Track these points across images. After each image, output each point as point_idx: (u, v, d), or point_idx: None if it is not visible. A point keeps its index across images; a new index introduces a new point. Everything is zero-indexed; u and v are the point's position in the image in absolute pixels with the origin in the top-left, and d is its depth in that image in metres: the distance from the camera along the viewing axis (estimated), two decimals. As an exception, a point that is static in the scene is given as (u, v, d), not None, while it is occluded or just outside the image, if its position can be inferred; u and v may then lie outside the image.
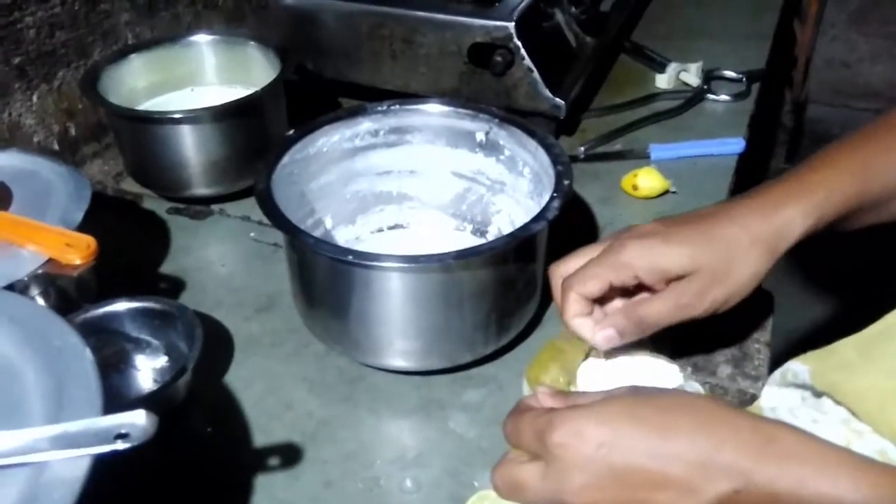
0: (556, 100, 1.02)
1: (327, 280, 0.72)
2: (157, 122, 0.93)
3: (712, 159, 1.04)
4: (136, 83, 1.03)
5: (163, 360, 0.75)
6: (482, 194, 0.87)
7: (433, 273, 0.67)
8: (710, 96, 1.17)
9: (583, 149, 1.07)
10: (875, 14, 2.29)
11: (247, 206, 0.98)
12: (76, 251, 0.68)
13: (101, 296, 0.73)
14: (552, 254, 0.77)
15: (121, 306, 0.73)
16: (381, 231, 0.90)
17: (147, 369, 0.75)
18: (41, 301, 0.69)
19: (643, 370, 0.68)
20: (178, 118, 0.91)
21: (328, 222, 0.86)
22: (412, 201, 0.90)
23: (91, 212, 0.75)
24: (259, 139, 0.95)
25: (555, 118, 1.04)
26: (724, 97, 1.17)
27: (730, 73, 1.21)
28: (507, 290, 0.72)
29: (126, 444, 0.43)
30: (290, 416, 0.73)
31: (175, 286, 0.87)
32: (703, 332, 0.78)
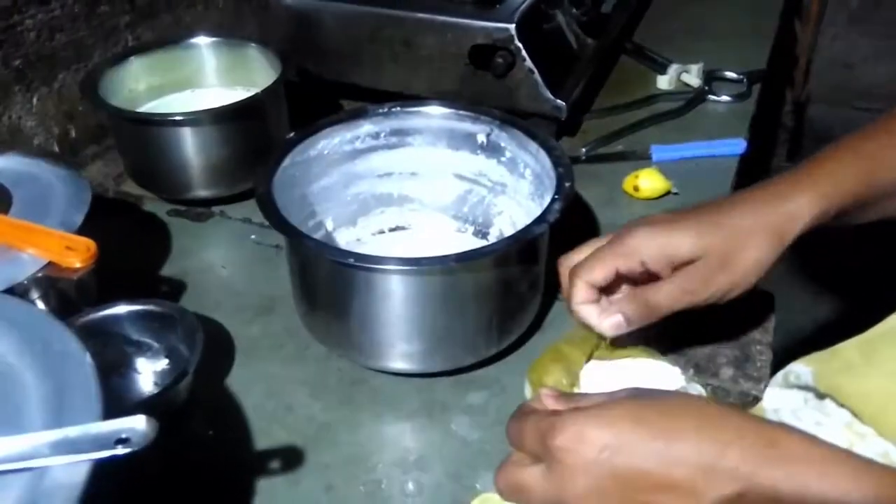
0: (558, 101, 1.02)
1: (328, 283, 0.72)
2: (158, 124, 0.93)
3: (714, 160, 1.04)
4: (137, 85, 1.03)
5: (163, 363, 0.74)
6: (483, 196, 0.87)
7: (434, 275, 0.67)
8: (712, 97, 1.17)
9: (584, 150, 1.07)
10: (876, 14, 2.28)
11: (248, 207, 0.98)
12: (76, 254, 0.68)
13: (101, 298, 0.73)
14: (554, 255, 0.77)
15: (121, 309, 0.72)
16: (382, 233, 0.90)
17: (148, 372, 0.75)
18: (41, 304, 0.69)
19: (645, 372, 0.68)
20: (178, 120, 0.91)
21: (329, 224, 0.86)
22: (413, 203, 0.90)
23: (91, 214, 0.75)
24: (260, 141, 0.95)
25: (556, 119, 1.04)
26: (725, 98, 1.17)
27: (731, 73, 1.21)
28: (509, 292, 0.72)
29: (126, 450, 0.43)
30: (291, 420, 0.73)
31: (176, 289, 0.87)
32: (704, 333, 0.78)
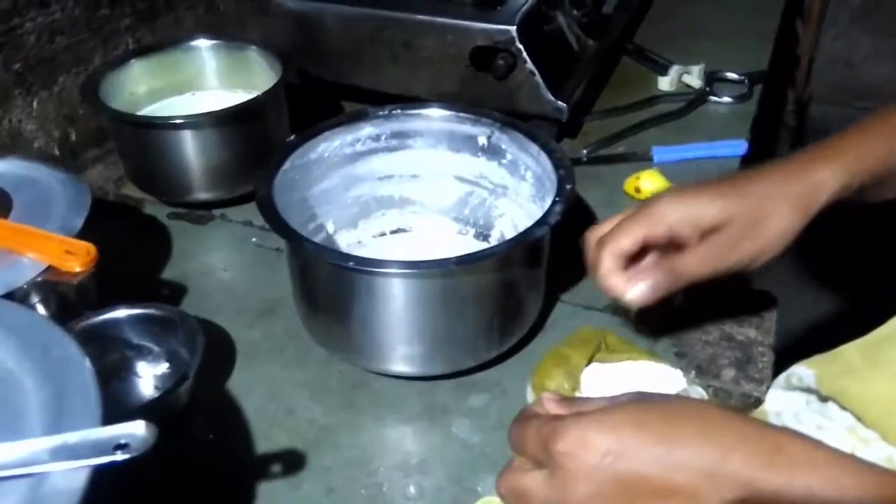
0: (559, 103, 1.02)
1: (329, 286, 0.72)
2: (158, 128, 0.93)
3: (715, 161, 1.04)
4: (137, 88, 1.03)
5: (164, 367, 0.74)
6: (484, 198, 0.87)
7: (435, 278, 0.67)
8: (713, 98, 1.17)
9: (585, 151, 1.06)
10: (878, 12, 2.28)
11: (248, 210, 0.98)
12: (76, 258, 0.68)
13: (102, 302, 0.73)
14: (555, 257, 0.77)
15: (121, 313, 0.72)
16: (383, 235, 0.90)
17: (148, 376, 0.74)
18: (41, 308, 0.68)
19: (646, 375, 0.68)
20: (178, 123, 0.91)
21: (330, 227, 0.86)
22: (414, 205, 0.90)
23: (92, 217, 0.75)
24: (261, 143, 0.95)
25: (557, 121, 1.04)
26: (727, 99, 1.17)
27: (732, 74, 1.21)
28: (510, 294, 0.72)
29: (125, 455, 0.43)
30: (292, 423, 0.72)
31: (176, 292, 0.87)
32: (706, 334, 0.78)
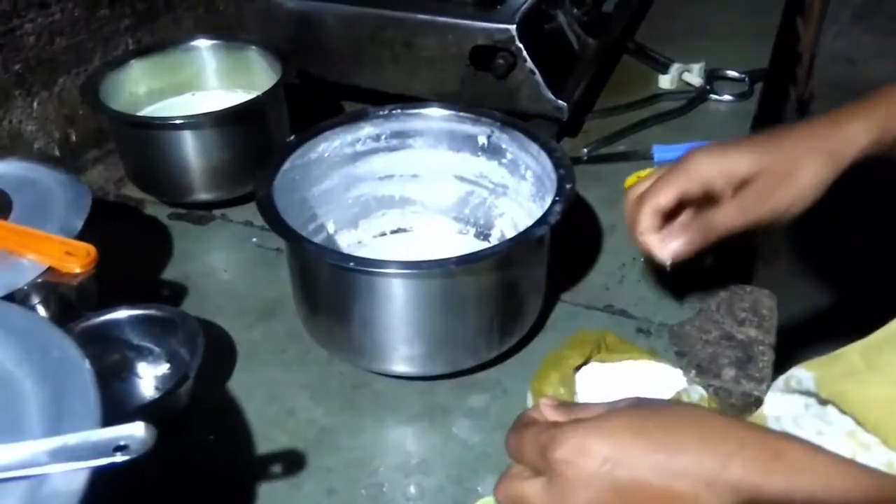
0: (559, 102, 1.02)
1: (329, 286, 0.71)
2: (158, 128, 0.93)
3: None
4: (137, 89, 1.03)
5: (165, 368, 0.74)
6: (485, 198, 0.87)
7: (435, 278, 0.67)
8: (713, 96, 1.17)
9: (586, 150, 1.06)
10: (879, 10, 2.28)
11: (249, 211, 0.98)
12: (76, 259, 0.68)
13: (103, 303, 0.73)
14: (555, 257, 0.77)
15: (122, 314, 0.72)
16: (383, 235, 0.90)
17: (149, 377, 0.74)
18: (42, 310, 0.68)
19: (646, 374, 0.68)
20: (178, 124, 0.91)
21: (330, 227, 0.86)
22: (415, 205, 0.90)
23: (92, 218, 0.75)
24: (261, 143, 0.95)
25: (557, 120, 1.04)
26: (727, 97, 1.17)
27: (732, 72, 1.21)
28: (510, 294, 0.72)
29: (125, 457, 0.43)
30: (292, 424, 0.72)
31: (177, 292, 0.87)
32: (706, 333, 0.78)
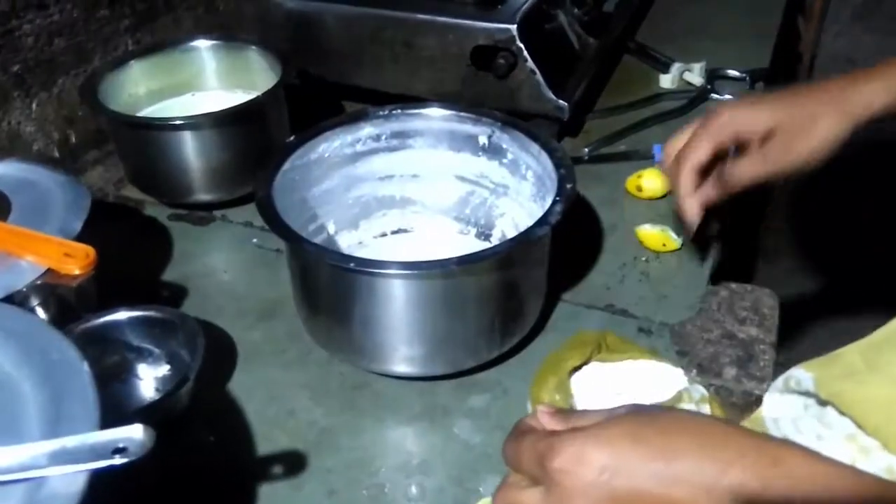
0: (560, 101, 1.01)
1: (329, 287, 0.71)
2: (158, 129, 0.92)
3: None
4: (137, 89, 1.03)
5: (165, 369, 0.74)
6: (486, 198, 0.87)
7: (435, 279, 0.67)
8: (714, 96, 1.17)
9: (587, 150, 1.06)
10: (880, 9, 2.27)
11: (249, 211, 0.98)
12: (75, 261, 0.67)
13: (103, 304, 0.73)
14: (556, 257, 0.76)
15: (121, 315, 0.72)
16: (384, 236, 0.90)
17: (149, 378, 0.74)
18: (41, 311, 0.68)
19: (646, 374, 0.68)
20: (178, 124, 0.91)
21: (331, 228, 0.85)
22: (415, 205, 0.89)
23: (92, 219, 0.75)
24: (261, 144, 0.94)
25: (558, 120, 1.03)
26: (728, 97, 1.16)
27: (733, 72, 1.21)
28: (511, 294, 0.72)
29: (123, 459, 0.43)
30: (293, 424, 0.72)
31: (177, 293, 0.87)
32: (707, 332, 0.78)
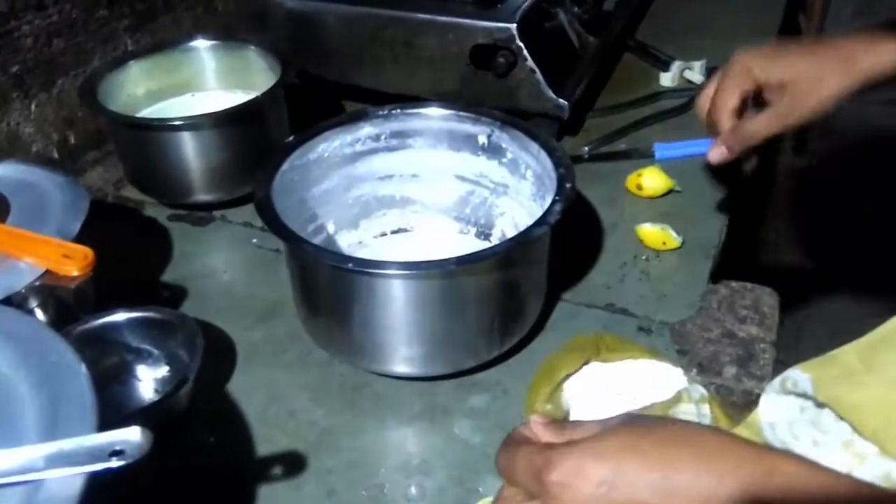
0: (560, 100, 1.01)
1: (328, 287, 0.71)
2: (157, 129, 0.92)
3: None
4: (136, 90, 1.03)
5: (164, 370, 0.74)
6: (485, 197, 0.87)
7: (435, 279, 0.67)
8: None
9: (587, 149, 1.06)
10: (881, 6, 2.26)
11: (249, 212, 0.98)
12: (73, 263, 0.67)
13: (103, 304, 0.73)
14: (555, 256, 0.76)
15: (120, 316, 0.72)
16: (384, 235, 0.90)
17: (148, 379, 0.74)
18: (40, 313, 0.68)
19: (646, 374, 0.67)
20: (177, 125, 0.91)
21: (330, 228, 0.85)
22: (415, 205, 0.89)
23: (92, 220, 0.75)
24: (260, 144, 0.94)
25: (558, 119, 1.03)
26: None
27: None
28: (510, 294, 0.71)
29: (121, 462, 0.43)
30: (293, 425, 0.72)
31: (177, 294, 0.87)
32: (707, 331, 0.78)
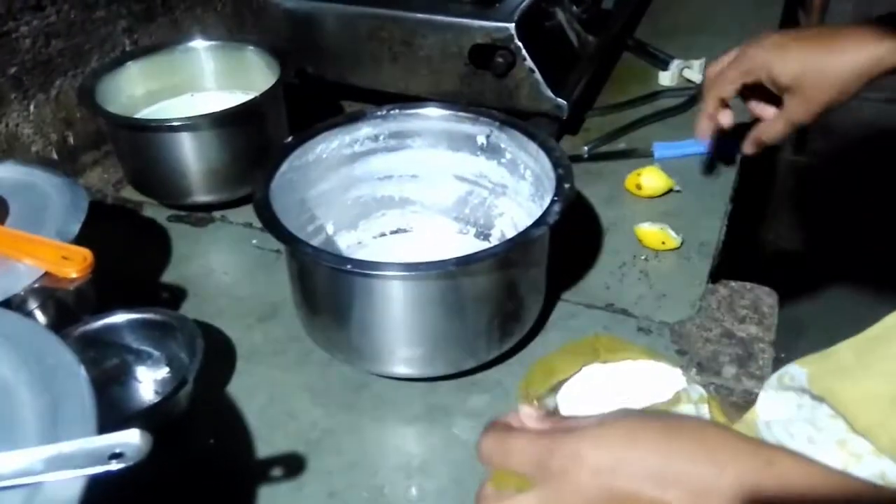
0: (559, 100, 1.01)
1: (328, 289, 0.71)
2: (156, 130, 0.92)
3: (714, 156, 1.03)
4: (135, 90, 1.03)
5: (164, 372, 0.74)
6: (484, 197, 0.87)
7: (434, 280, 0.67)
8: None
9: (586, 148, 1.06)
10: (881, 2, 2.26)
11: (248, 212, 0.98)
12: (73, 264, 0.67)
13: (103, 306, 0.73)
14: (555, 256, 0.76)
15: (120, 318, 0.72)
16: (383, 236, 0.90)
17: (148, 381, 0.74)
18: (39, 314, 0.68)
19: (646, 374, 0.67)
20: (176, 126, 0.91)
21: (329, 228, 0.85)
22: (414, 205, 0.89)
23: (91, 221, 0.75)
24: (259, 144, 0.95)
25: (557, 118, 1.03)
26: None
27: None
28: (510, 294, 0.71)
29: (120, 465, 0.43)
30: (293, 426, 0.72)
31: (177, 295, 0.87)
32: (706, 331, 0.78)
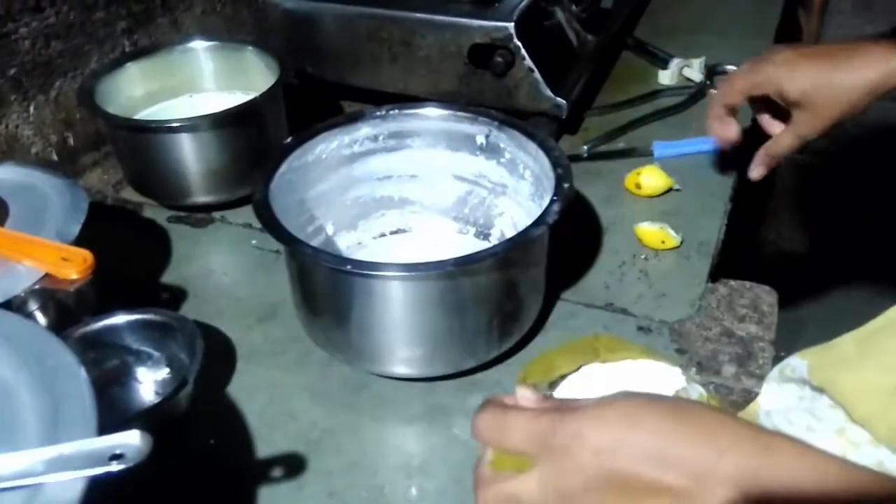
0: (558, 99, 1.01)
1: (327, 289, 0.71)
2: (155, 131, 0.92)
3: (716, 156, 1.03)
4: (134, 91, 1.03)
5: (164, 372, 0.74)
6: (484, 197, 0.87)
7: (433, 280, 0.67)
8: (714, 91, 1.16)
9: (586, 147, 1.06)
10: (881, 1, 2.26)
11: (248, 213, 0.97)
12: (73, 266, 0.67)
13: (103, 307, 0.73)
14: (554, 255, 0.76)
15: (120, 319, 0.72)
16: (383, 236, 0.90)
17: (149, 381, 0.74)
18: (39, 316, 0.68)
19: (645, 373, 0.67)
20: (175, 126, 0.91)
21: (329, 229, 0.85)
22: (414, 205, 0.89)
23: (91, 221, 0.75)
24: (259, 145, 0.95)
25: (557, 118, 1.03)
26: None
27: (733, 67, 1.20)
28: (509, 294, 0.72)
29: (121, 466, 0.43)
30: (293, 426, 0.72)
31: (176, 296, 0.87)
32: (706, 330, 0.78)
